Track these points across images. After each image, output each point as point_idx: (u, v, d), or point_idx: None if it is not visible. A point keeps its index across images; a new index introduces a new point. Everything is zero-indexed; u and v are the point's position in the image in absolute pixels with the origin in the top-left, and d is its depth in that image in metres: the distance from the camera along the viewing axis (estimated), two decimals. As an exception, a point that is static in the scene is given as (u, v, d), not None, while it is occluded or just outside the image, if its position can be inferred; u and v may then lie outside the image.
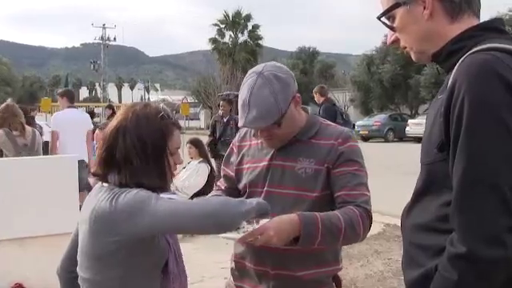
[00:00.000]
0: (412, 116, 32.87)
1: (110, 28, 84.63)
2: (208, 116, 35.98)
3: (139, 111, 1.82)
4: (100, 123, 11.09)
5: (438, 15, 1.45)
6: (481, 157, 1.26)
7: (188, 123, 36.81)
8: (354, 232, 1.99)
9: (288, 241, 1.91)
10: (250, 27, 47.41)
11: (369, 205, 2.05)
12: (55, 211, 4.16)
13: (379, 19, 1.56)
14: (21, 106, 7.60)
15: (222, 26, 47.10)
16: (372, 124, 29.64)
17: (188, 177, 7.29)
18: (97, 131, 8.13)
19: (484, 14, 1.52)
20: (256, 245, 1.93)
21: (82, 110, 10.18)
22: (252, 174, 2.19)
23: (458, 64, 1.35)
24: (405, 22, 1.50)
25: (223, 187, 2.35)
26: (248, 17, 47.20)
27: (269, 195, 2.10)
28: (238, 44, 46.60)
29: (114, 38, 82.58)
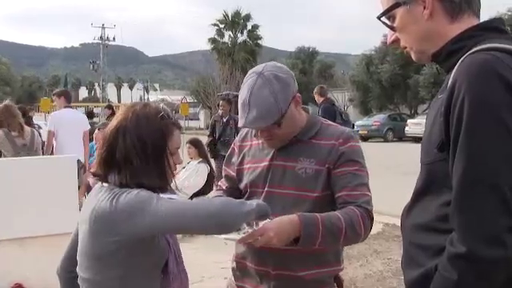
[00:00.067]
0: (411, 116, 32.83)
1: (110, 28, 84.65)
2: (207, 116, 35.99)
3: (139, 111, 1.81)
4: (99, 123, 11.08)
5: (438, 15, 1.45)
6: (481, 157, 1.26)
7: (187, 123, 36.79)
8: (355, 232, 1.98)
9: (288, 241, 1.90)
10: (250, 27, 47.39)
11: (370, 205, 2.04)
12: (55, 211, 4.16)
13: (379, 19, 1.56)
14: (20, 106, 7.61)
15: (222, 26, 47.06)
16: (371, 124, 29.61)
17: (187, 177, 7.28)
18: (96, 131, 8.13)
19: (483, 14, 1.52)
20: (256, 246, 1.93)
21: (79, 110, 10.17)
22: (253, 174, 2.19)
23: (458, 64, 1.35)
24: (405, 22, 1.50)
25: (224, 187, 2.34)
26: (247, 17, 47.17)
27: (269, 195, 2.10)
28: (238, 44, 46.56)
29: (114, 38, 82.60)
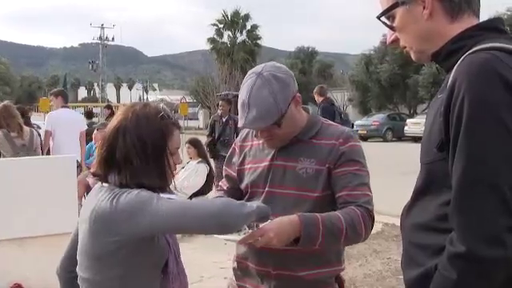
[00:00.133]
0: (410, 115, 32.84)
1: (109, 28, 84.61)
2: (207, 116, 35.95)
3: (139, 111, 1.81)
4: (98, 123, 11.07)
5: (438, 15, 1.45)
6: (480, 156, 1.26)
7: (187, 123, 36.76)
8: (356, 232, 1.98)
9: (288, 242, 1.90)
10: (249, 27, 47.39)
11: (371, 205, 2.04)
12: (54, 211, 4.16)
13: (379, 19, 1.55)
14: (19, 107, 7.60)
15: (221, 26, 47.05)
16: (370, 124, 29.60)
17: (187, 177, 7.28)
18: (95, 132, 8.14)
19: (483, 14, 1.52)
20: (257, 246, 1.93)
21: (77, 111, 10.14)
22: (253, 175, 2.18)
23: (458, 63, 1.35)
24: (404, 22, 1.50)
25: (225, 187, 2.34)
26: (246, 17, 47.15)
27: (270, 195, 2.10)
28: (237, 44, 46.54)
29: (113, 38, 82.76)
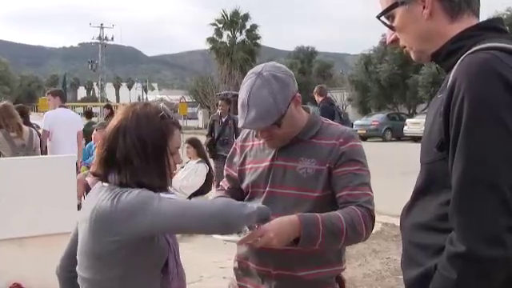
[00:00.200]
0: (410, 115, 32.83)
1: (108, 28, 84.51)
2: (206, 115, 35.94)
3: (139, 111, 1.81)
4: (97, 123, 11.06)
5: (438, 15, 1.45)
6: (480, 156, 1.26)
7: (186, 123, 36.78)
8: (356, 232, 1.98)
9: (288, 242, 1.90)
10: (248, 27, 47.35)
11: (371, 204, 2.04)
12: (53, 211, 4.16)
13: (378, 18, 1.55)
14: (18, 106, 7.59)
15: (220, 26, 47.01)
16: (370, 123, 29.59)
17: (186, 176, 7.28)
18: (94, 132, 8.14)
19: (482, 14, 1.52)
20: (257, 247, 1.93)
21: (74, 110, 10.14)
22: (254, 175, 2.18)
23: (458, 63, 1.35)
24: (404, 22, 1.50)
25: (226, 188, 2.33)
26: (246, 16, 47.12)
27: (271, 195, 2.10)
28: (236, 43, 46.50)
29: (112, 38, 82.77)
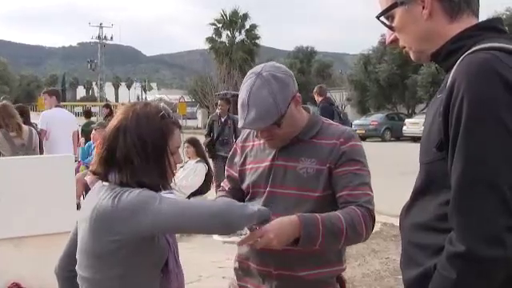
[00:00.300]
0: (409, 115, 32.84)
1: (107, 27, 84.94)
2: (205, 115, 35.90)
3: (139, 110, 1.81)
4: (96, 123, 11.06)
5: (437, 15, 1.45)
6: (480, 156, 1.26)
7: (185, 122, 36.78)
8: (356, 232, 1.98)
9: (288, 242, 1.90)
10: (247, 26, 47.33)
11: (371, 204, 2.04)
12: (52, 210, 4.16)
13: (378, 19, 1.55)
14: (18, 106, 7.59)
15: (219, 26, 46.98)
16: (369, 123, 29.58)
17: (185, 176, 7.27)
18: (93, 131, 8.14)
19: (481, 14, 1.52)
20: (257, 247, 1.93)
21: (70, 110, 10.15)
22: (255, 175, 2.18)
23: (458, 63, 1.35)
24: (404, 22, 1.50)
25: (227, 188, 2.33)
26: (245, 16, 47.09)
27: (271, 195, 2.10)
28: (235, 43, 46.48)
29: (111, 37, 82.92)
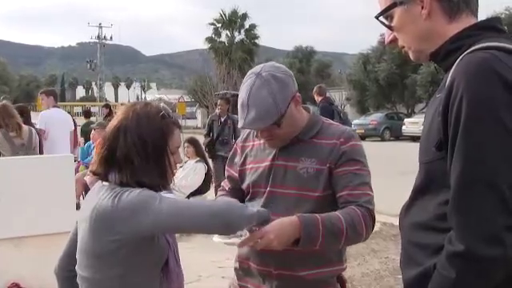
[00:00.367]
0: (408, 115, 32.83)
1: (107, 27, 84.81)
2: (204, 115, 35.91)
3: (140, 110, 1.81)
4: (96, 123, 11.06)
5: (436, 15, 1.45)
6: (479, 156, 1.26)
7: (185, 122, 36.77)
8: (356, 232, 1.98)
9: (289, 243, 1.90)
10: (247, 26, 47.32)
11: (371, 204, 2.04)
12: (52, 210, 4.16)
13: (377, 18, 1.56)
14: (18, 106, 7.58)
15: (219, 25, 46.98)
16: (368, 123, 29.59)
17: (185, 176, 7.28)
18: (93, 131, 8.14)
19: (481, 13, 1.52)
20: (257, 248, 1.93)
21: (63, 110, 10.14)
22: (255, 175, 2.18)
23: (457, 63, 1.35)
24: (403, 22, 1.50)
25: (227, 188, 2.33)
26: (244, 16, 47.10)
27: (271, 195, 2.10)
28: (235, 43, 46.48)
29: (111, 37, 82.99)
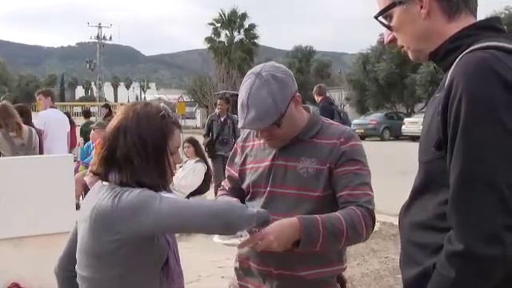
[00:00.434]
0: (408, 114, 32.82)
1: (106, 27, 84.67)
2: (204, 115, 35.89)
3: (140, 110, 1.82)
4: (95, 123, 11.05)
5: (436, 14, 1.45)
6: (478, 155, 1.26)
7: (184, 122, 36.74)
8: (357, 232, 1.98)
9: (289, 245, 1.90)
10: (246, 26, 47.33)
11: (372, 204, 2.04)
12: (52, 210, 4.16)
13: (376, 18, 1.56)
14: (18, 105, 7.58)
15: (218, 25, 46.99)
16: (368, 123, 29.58)
17: (184, 176, 7.29)
18: (92, 132, 8.14)
19: (480, 13, 1.52)
20: (257, 250, 1.93)
21: (60, 110, 10.14)
22: (255, 175, 2.18)
23: (456, 62, 1.35)
24: (402, 22, 1.50)
25: (227, 188, 2.33)
26: (244, 16, 47.12)
27: (271, 195, 2.10)
28: (234, 43, 46.50)
29: (110, 37, 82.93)
